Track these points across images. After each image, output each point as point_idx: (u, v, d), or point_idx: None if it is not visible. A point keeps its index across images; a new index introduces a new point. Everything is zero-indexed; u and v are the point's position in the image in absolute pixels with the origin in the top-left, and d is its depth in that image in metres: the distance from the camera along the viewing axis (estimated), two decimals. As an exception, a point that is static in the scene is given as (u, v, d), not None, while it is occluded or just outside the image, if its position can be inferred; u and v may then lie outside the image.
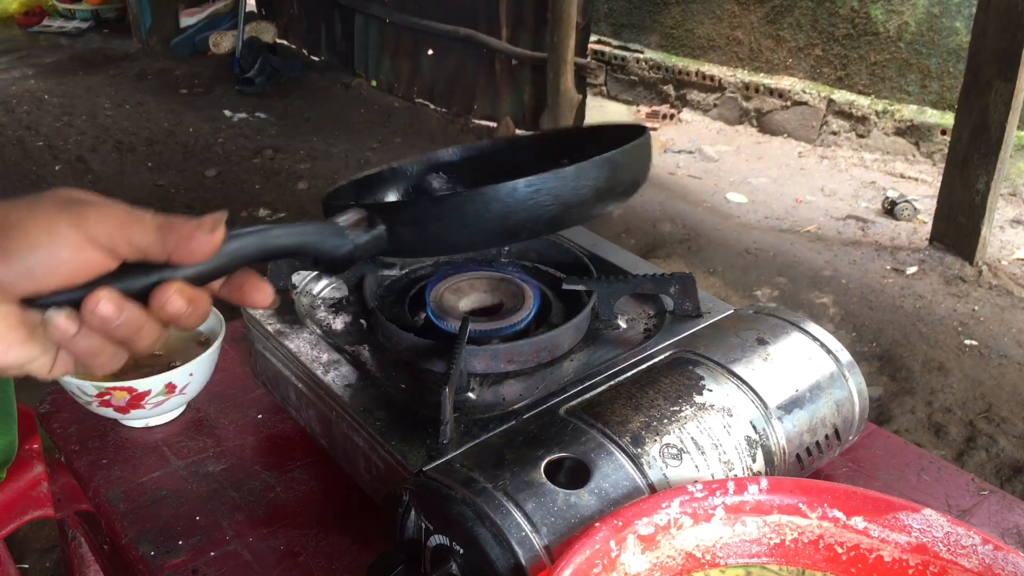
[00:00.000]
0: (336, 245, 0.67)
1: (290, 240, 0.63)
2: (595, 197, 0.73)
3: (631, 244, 3.36)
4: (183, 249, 0.54)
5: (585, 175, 0.71)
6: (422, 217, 0.71)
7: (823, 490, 0.63)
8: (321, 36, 5.46)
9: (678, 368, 0.77)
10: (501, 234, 0.74)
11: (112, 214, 0.53)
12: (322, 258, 0.66)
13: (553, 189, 0.70)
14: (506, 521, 0.61)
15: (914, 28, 4.01)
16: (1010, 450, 2.26)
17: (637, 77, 5.04)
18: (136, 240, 0.53)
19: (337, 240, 0.67)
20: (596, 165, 0.73)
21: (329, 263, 0.67)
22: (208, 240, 0.54)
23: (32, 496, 0.91)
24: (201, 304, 0.56)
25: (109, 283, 0.53)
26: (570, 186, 0.71)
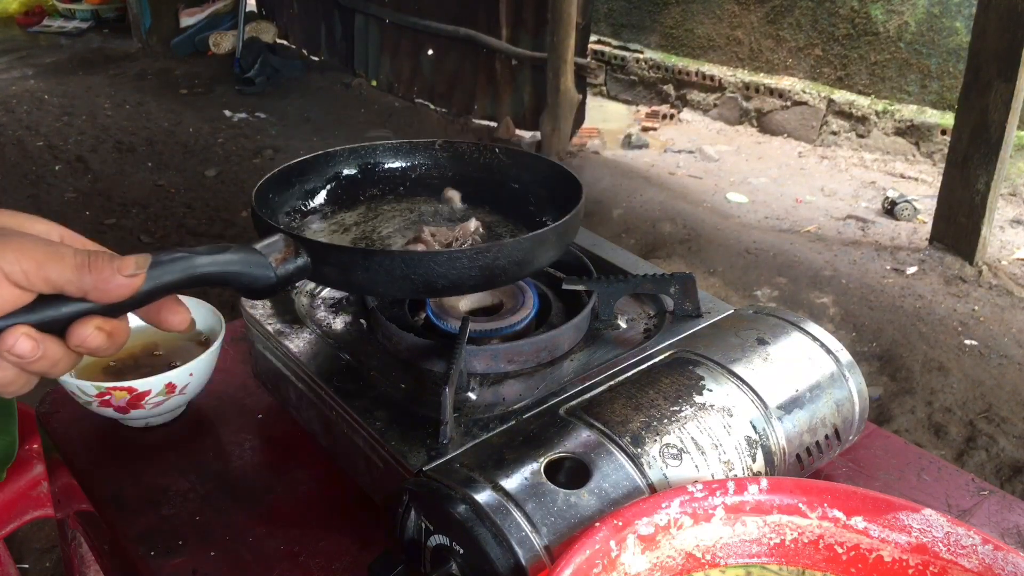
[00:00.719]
0: (259, 276, 0.67)
1: (214, 269, 0.63)
2: (519, 267, 0.78)
3: (631, 244, 3.36)
4: (100, 290, 0.54)
5: (513, 250, 0.76)
6: (349, 264, 0.74)
7: (823, 490, 0.63)
8: (321, 36, 5.46)
9: (678, 368, 0.77)
10: (422, 291, 0.78)
11: (30, 251, 0.52)
12: (244, 288, 0.67)
13: (481, 261, 0.75)
14: (506, 521, 0.60)
15: (914, 28, 4.01)
16: (1010, 450, 2.26)
17: (637, 77, 5.04)
18: (53, 278, 0.53)
19: (260, 271, 0.68)
20: (526, 243, 0.77)
21: (251, 292, 0.68)
22: (127, 284, 0.55)
23: (32, 496, 0.91)
24: (119, 335, 0.57)
25: (25, 318, 0.53)
26: (499, 259, 0.75)
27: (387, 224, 0.95)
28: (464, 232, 0.89)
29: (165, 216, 3.62)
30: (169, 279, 0.59)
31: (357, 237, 0.92)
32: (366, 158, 1.01)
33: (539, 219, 0.94)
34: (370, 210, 0.98)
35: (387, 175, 1.02)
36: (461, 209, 0.98)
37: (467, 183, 1.00)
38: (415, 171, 1.03)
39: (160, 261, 0.59)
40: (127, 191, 3.87)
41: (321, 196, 0.98)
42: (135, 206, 3.72)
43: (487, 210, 0.98)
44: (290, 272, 0.70)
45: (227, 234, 3.43)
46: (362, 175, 1.01)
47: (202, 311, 0.98)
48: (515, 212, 0.97)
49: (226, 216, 3.59)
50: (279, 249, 0.70)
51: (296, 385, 0.86)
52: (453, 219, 0.96)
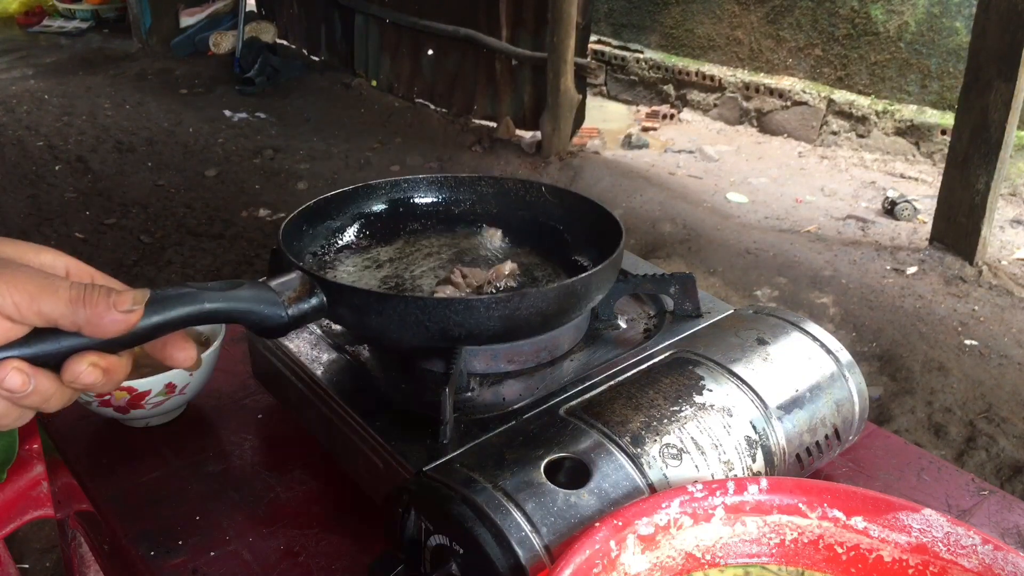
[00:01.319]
0: (270, 315, 0.65)
1: (222, 306, 0.61)
2: (543, 318, 0.74)
3: (631, 244, 3.36)
4: (94, 324, 0.52)
5: (536, 301, 0.72)
6: (363, 308, 0.71)
7: (823, 490, 0.63)
8: (321, 36, 5.46)
9: (678, 368, 0.77)
10: (438, 339, 0.74)
11: (22, 283, 0.51)
12: (255, 326, 0.65)
13: (499, 311, 0.71)
14: (506, 521, 0.60)
15: (914, 28, 4.01)
16: (1010, 450, 2.26)
17: (637, 77, 5.04)
18: (46, 311, 0.51)
19: (272, 309, 0.65)
20: (551, 294, 0.73)
21: (263, 331, 0.66)
22: (122, 320, 0.53)
23: (32, 496, 0.91)
24: (117, 372, 0.55)
25: (19, 351, 0.52)
26: (520, 310, 0.72)
27: (422, 262, 0.92)
28: (498, 275, 0.86)
29: (165, 216, 3.62)
30: (173, 315, 0.57)
31: (388, 275, 0.89)
32: (407, 192, 0.98)
33: (580, 263, 0.90)
34: (408, 245, 0.95)
35: (428, 210, 0.99)
36: (500, 248, 0.95)
37: (510, 221, 0.97)
38: (458, 206, 0.99)
39: (164, 296, 0.57)
40: (127, 191, 3.87)
41: (357, 230, 0.95)
42: (135, 206, 3.72)
43: (528, 250, 0.94)
44: (303, 312, 0.68)
45: (227, 234, 3.43)
46: (403, 209, 0.98)
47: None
48: (558, 254, 0.93)
49: (226, 216, 3.59)
50: (293, 287, 0.68)
51: (296, 385, 0.86)
52: (492, 259, 0.92)
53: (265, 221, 3.58)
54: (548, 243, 0.94)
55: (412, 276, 0.88)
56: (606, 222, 0.86)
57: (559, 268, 0.91)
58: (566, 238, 0.93)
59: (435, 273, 0.89)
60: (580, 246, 0.92)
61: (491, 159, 4.15)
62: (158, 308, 0.56)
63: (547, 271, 0.90)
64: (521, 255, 0.93)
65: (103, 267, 0.59)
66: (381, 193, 0.97)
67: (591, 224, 0.90)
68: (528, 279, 0.88)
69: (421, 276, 0.88)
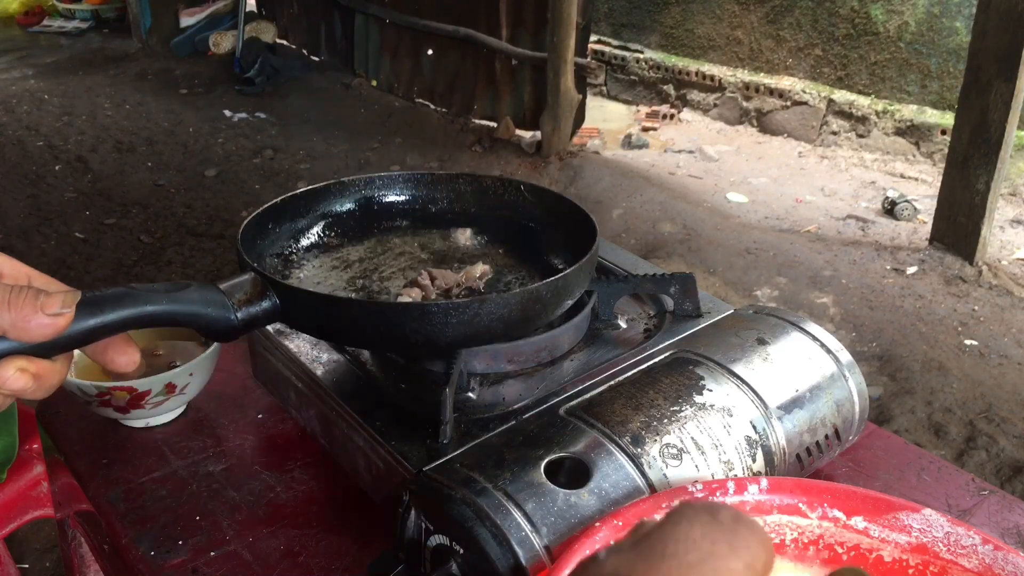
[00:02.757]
0: (217, 317, 0.62)
1: (164, 309, 0.59)
2: (505, 325, 0.71)
3: (631, 244, 3.36)
4: (20, 328, 0.50)
5: (496, 308, 0.68)
6: (315, 312, 0.68)
7: (823, 490, 0.63)
8: (321, 36, 5.46)
9: (678, 368, 0.77)
10: (394, 346, 0.72)
11: None
12: (203, 329, 0.63)
13: (456, 318, 0.67)
14: (506, 521, 0.60)
15: (914, 28, 4.01)
16: (1010, 450, 2.26)
17: (637, 77, 5.04)
18: None
19: (219, 312, 0.62)
20: (513, 299, 0.69)
21: (211, 334, 0.64)
22: (49, 323, 0.51)
23: (32, 496, 0.91)
24: (49, 377, 0.53)
25: None
26: (480, 317, 0.68)
27: (393, 262, 0.89)
28: (468, 277, 0.83)
29: (165, 216, 3.62)
30: (109, 319, 0.55)
31: (355, 275, 0.86)
32: (381, 189, 0.95)
33: (556, 266, 0.88)
34: (380, 244, 0.92)
35: (403, 208, 0.96)
36: (475, 248, 0.92)
37: (488, 220, 0.94)
38: (435, 204, 0.96)
39: (100, 298, 0.55)
40: (127, 191, 3.87)
41: (327, 228, 0.92)
42: (135, 206, 3.72)
43: (505, 251, 0.92)
44: (254, 315, 0.65)
45: (227, 234, 3.43)
46: (377, 207, 0.95)
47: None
48: (535, 255, 0.90)
49: (226, 216, 3.59)
50: (244, 290, 0.65)
51: (296, 385, 0.86)
52: (466, 260, 0.89)
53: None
54: (525, 244, 0.92)
55: (381, 277, 0.86)
56: (582, 223, 0.84)
57: (534, 270, 0.88)
58: (543, 239, 0.91)
59: (405, 274, 0.86)
60: (557, 248, 0.89)
61: (491, 159, 4.15)
62: (93, 311, 0.54)
63: (521, 273, 0.88)
64: (496, 256, 0.91)
65: (103, 267, 0.59)
66: (354, 190, 0.94)
67: (569, 225, 0.87)
68: (500, 282, 0.85)
69: (390, 277, 0.86)
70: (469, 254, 0.91)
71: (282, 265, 0.86)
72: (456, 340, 0.71)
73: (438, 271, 0.83)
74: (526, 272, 0.87)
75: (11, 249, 3.33)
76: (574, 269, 0.74)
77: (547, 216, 0.91)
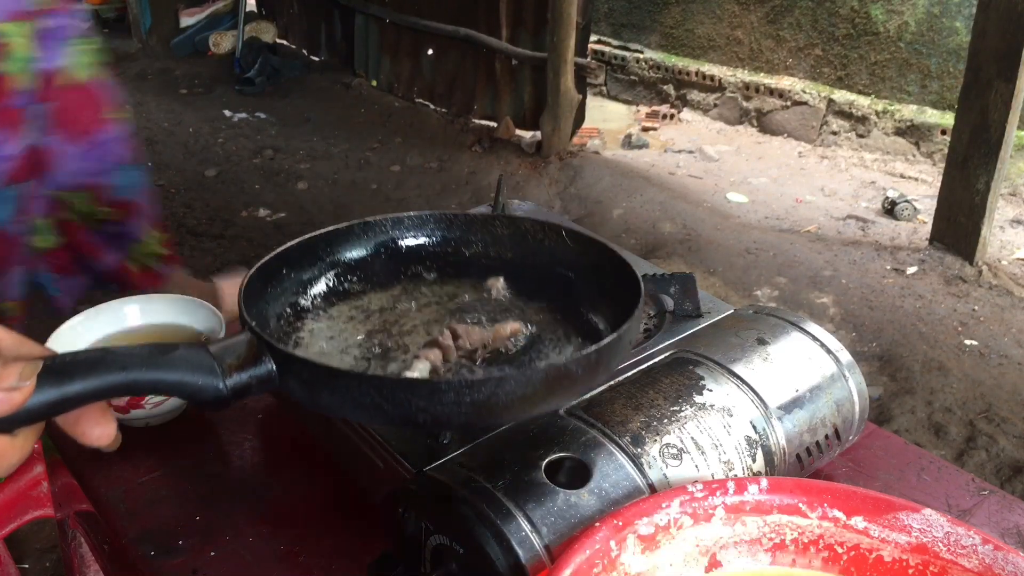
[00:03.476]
0: (204, 386, 0.55)
1: (143, 377, 0.52)
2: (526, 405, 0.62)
3: (631, 244, 3.36)
4: None
5: (516, 387, 0.60)
6: (312, 382, 0.60)
7: (823, 490, 0.63)
8: (321, 36, 5.46)
9: (678, 368, 0.77)
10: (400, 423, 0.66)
11: None
12: (189, 399, 0.56)
13: (471, 397, 0.59)
14: (506, 521, 0.60)
15: (914, 28, 4.01)
16: (1010, 450, 2.26)
17: (637, 77, 5.04)
18: None
19: (206, 379, 0.55)
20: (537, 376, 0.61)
21: (200, 404, 0.57)
22: (4, 399, 0.45)
23: (32, 496, 0.91)
24: (8, 456, 0.48)
25: None
26: (497, 397, 0.59)
27: (416, 315, 0.79)
28: (497, 337, 0.74)
29: (165, 216, 3.62)
30: (78, 389, 0.48)
31: (374, 329, 0.77)
32: (412, 229, 0.85)
33: (597, 324, 0.77)
34: (405, 292, 0.83)
35: (434, 251, 0.85)
36: (509, 300, 0.82)
37: (524, 268, 0.84)
38: (468, 247, 0.86)
39: (72, 364, 0.49)
40: (127, 191, 3.86)
41: (350, 271, 0.83)
42: (135, 206, 3.72)
43: (540, 305, 0.81)
44: (245, 383, 0.57)
45: (227, 234, 3.43)
46: (405, 249, 0.85)
47: (203, 311, 0.98)
48: (572, 311, 0.79)
49: (226, 216, 3.59)
50: (238, 352, 0.58)
51: (296, 385, 0.86)
52: (497, 314, 0.80)
53: (265, 221, 3.58)
54: (563, 296, 0.81)
55: (401, 331, 0.76)
56: (625, 277, 0.73)
57: (571, 329, 0.77)
58: (582, 291, 0.81)
59: (427, 329, 0.77)
60: (597, 303, 0.79)
61: (491, 159, 4.15)
62: (60, 380, 0.48)
63: (557, 332, 0.77)
64: (530, 311, 0.80)
65: None
66: (380, 231, 0.85)
67: (611, 277, 0.77)
68: (532, 343, 0.75)
69: (411, 332, 0.76)
70: (501, 307, 0.81)
71: (294, 316, 0.77)
72: (471, 421, 0.63)
73: (463, 328, 0.74)
74: (562, 332, 0.77)
75: (11, 249, 3.33)
76: (611, 340, 0.62)
77: (588, 266, 0.81)
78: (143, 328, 0.98)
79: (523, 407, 0.62)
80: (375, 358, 0.72)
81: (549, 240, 0.83)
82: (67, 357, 0.49)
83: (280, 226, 3.55)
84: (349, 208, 3.67)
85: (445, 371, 0.69)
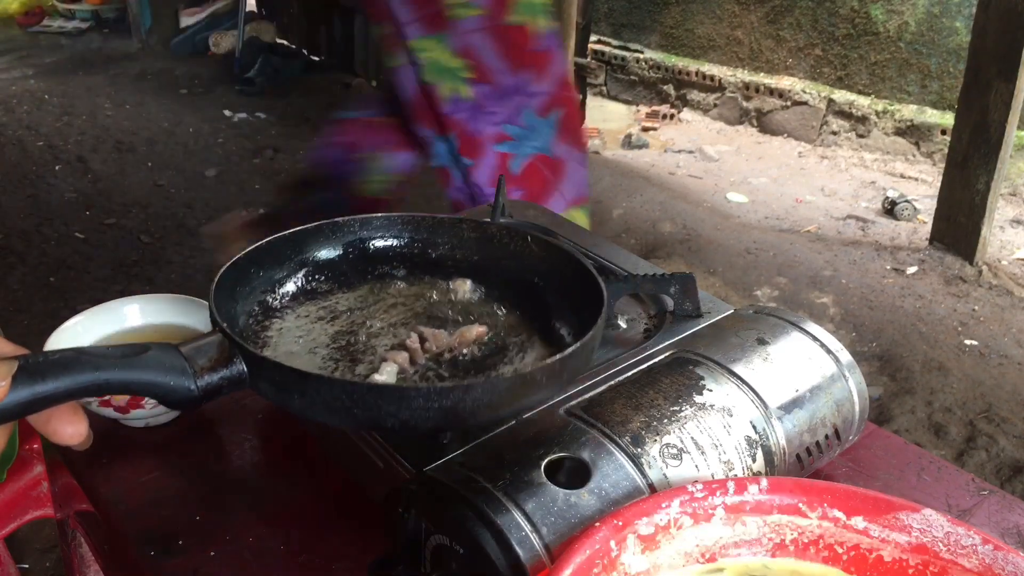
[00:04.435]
0: (176, 387, 0.56)
1: (116, 377, 0.53)
2: (493, 410, 0.64)
3: (631, 244, 3.36)
4: None
5: (483, 393, 0.62)
6: (282, 384, 0.61)
7: (823, 490, 0.63)
8: (321, 36, 5.46)
9: (678, 368, 0.77)
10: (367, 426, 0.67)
11: None
12: (161, 399, 0.57)
13: (438, 403, 0.60)
14: (506, 521, 0.60)
15: (914, 28, 4.00)
16: (1010, 450, 2.26)
17: (637, 77, 5.04)
18: None
19: (178, 380, 0.56)
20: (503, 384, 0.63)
21: (172, 404, 0.58)
22: None
23: (32, 496, 0.91)
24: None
25: None
26: (464, 403, 0.61)
27: (384, 315, 0.80)
28: (462, 340, 0.75)
29: (165, 216, 3.62)
30: (51, 389, 0.49)
31: (341, 330, 0.77)
32: (380, 230, 0.86)
33: (560, 330, 0.79)
34: (373, 293, 0.83)
35: (402, 252, 0.87)
36: (474, 303, 0.83)
37: (491, 271, 0.85)
38: (436, 249, 0.87)
39: (43, 365, 0.50)
40: (127, 191, 3.87)
41: (319, 271, 0.84)
42: (135, 206, 3.72)
43: (506, 308, 0.82)
44: (216, 384, 0.58)
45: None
46: (373, 250, 0.86)
47: (203, 311, 0.98)
48: (538, 315, 0.81)
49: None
50: (209, 354, 0.59)
51: (296, 385, 0.86)
52: (462, 316, 0.81)
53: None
54: (529, 301, 0.82)
55: (368, 333, 0.77)
56: (590, 287, 0.75)
57: (535, 334, 0.78)
58: (548, 297, 0.82)
59: (394, 331, 0.78)
60: (563, 310, 0.80)
61: (491, 159, 4.15)
62: (33, 379, 0.49)
63: (521, 337, 0.78)
64: (496, 314, 0.81)
65: (103, 267, 0.58)
66: (349, 232, 0.84)
67: (576, 285, 0.78)
68: (496, 347, 0.76)
69: (378, 334, 0.77)
70: (467, 309, 0.82)
71: (263, 315, 0.78)
72: (438, 425, 0.65)
73: (430, 331, 0.75)
74: (526, 336, 0.78)
75: (11, 249, 3.33)
76: (574, 350, 0.65)
77: (553, 272, 0.82)
78: (143, 328, 0.98)
79: (488, 412, 0.64)
80: (343, 360, 0.73)
81: (515, 245, 0.84)
82: (40, 357, 0.50)
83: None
84: (349, 208, 3.67)
85: (412, 373, 0.71)
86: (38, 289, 3.09)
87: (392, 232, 0.87)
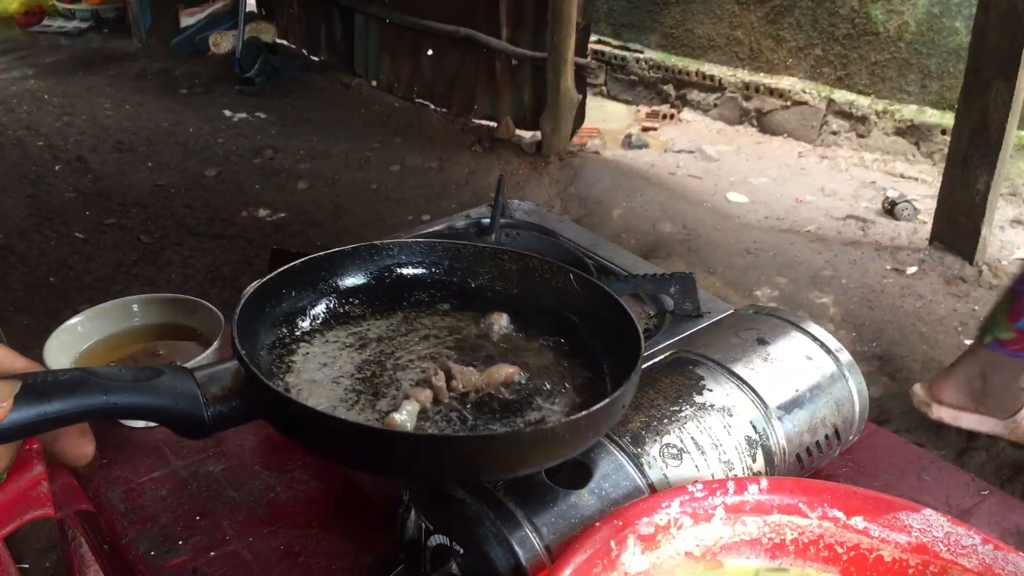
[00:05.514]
0: (188, 414, 0.54)
1: (126, 402, 0.51)
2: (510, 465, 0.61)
3: (631, 244, 3.36)
4: None
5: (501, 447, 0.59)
6: (293, 421, 0.59)
7: (823, 490, 0.63)
8: (321, 36, 5.46)
9: (678, 368, 0.77)
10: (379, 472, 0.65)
11: None
12: (171, 426, 0.55)
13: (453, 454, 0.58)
14: (506, 521, 0.60)
15: (914, 28, 4.00)
16: (1010, 450, 2.26)
17: (637, 77, 5.04)
18: None
19: (190, 407, 0.54)
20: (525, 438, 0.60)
21: (183, 432, 0.56)
22: None
23: (32, 496, 0.91)
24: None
25: None
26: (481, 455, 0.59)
27: (415, 346, 0.77)
28: (490, 381, 0.71)
29: (165, 216, 3.62)
30: (56, 410, 0.48)
31: (368, 360, 0.74)
32: (419, 255, 0.83)
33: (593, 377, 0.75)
34: (406, 322, 0.80)
35: (440, 279, 0.84)
36: (506, 338, 0.79)
37: (529, 305, 0.81)
38: (475, 279, 0.84)
39: (52, 385, 0.48)
40: (127, 191, 3.87)
41: (352, 295, 0.81)
42: (135, 206, 3.72)
43: (539, 347, 0.78)
44: (229, 413, 0.56)
45: (227, 234, 3.43)
46: (409, 276, 0.83)
47: (203, 311, 0.98)
48: (572, 356, 0.77)
49: (226, 216, 3.59)
50: (223, 382, 0.57)
51: (296, 385, 0.86)
52: (495, 351, 0.78)
53: (265, 221, 3.58)
54: (565, 339, 0.79)
55: (395, 365, 0.74)
56: (626, 330, 0.71)
57: (568, 378, 0.74)
58: (584, 337, 0.79)
59: (423, 365, 0.74)
60: (597, 352, 0.77)
61: (491, 159, 4.15)
62: (39, 400, 0.47)
63: (553, 382, 0.73)
64: (530, 353, 0.77)
65: (103, 267, 0.57)
66: (387, 255, 0.83)
67: (612, 327, 0.75)
68: (525, 391, 0.72)
69: (405, 367, 0.74)
70: (500, 346, 0.78)
71: (291, 338, 0.75)
72: (451, 476, 0.62)
73: (458, 368, 0.71)
74: (558, 380, 0.74)
75: (11, 249, 3.33)
76: (604, 405, 0.61)
77: (592, 313, 0.79)
78: (143, 328, 0.98)
79: (507, 467, 0.61)
80: (366, 392, 0.70)
81: (556, 281, 0.81)
82: (49, 376, 0.49)
83: (280, 226, 3.55)
84: (349, 208, 3.67)
85: (434, 413, 0.68)
86: (38, 289, 3.09)
87: (432, 259, 0.84)
